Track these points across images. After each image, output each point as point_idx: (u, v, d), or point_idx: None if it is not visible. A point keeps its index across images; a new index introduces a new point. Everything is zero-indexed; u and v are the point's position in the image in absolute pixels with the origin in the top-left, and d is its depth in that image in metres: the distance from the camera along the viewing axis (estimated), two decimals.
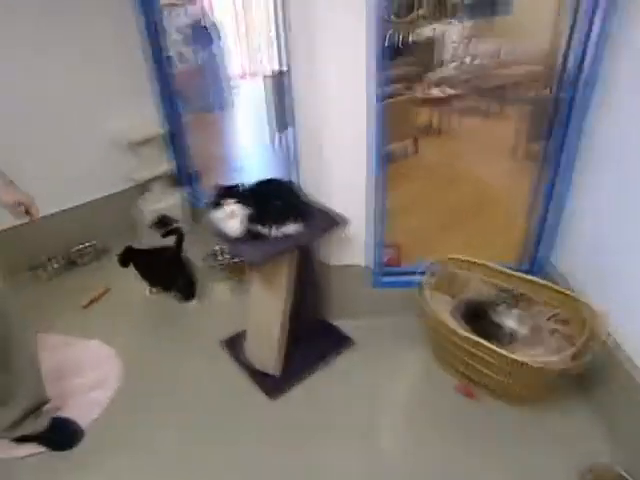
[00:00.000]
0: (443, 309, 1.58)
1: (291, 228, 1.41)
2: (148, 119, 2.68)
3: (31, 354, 1.40)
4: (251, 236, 1.41)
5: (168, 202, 2.71)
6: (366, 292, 1.85)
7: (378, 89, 1.44)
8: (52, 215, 2.48)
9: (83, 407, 1.62)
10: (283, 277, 1.50)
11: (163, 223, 2.71)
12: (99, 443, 1.50)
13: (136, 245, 2.17)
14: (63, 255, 2.52)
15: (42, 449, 1.46)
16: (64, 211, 2.53)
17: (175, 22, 4.84)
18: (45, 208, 2.50)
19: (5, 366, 1.30)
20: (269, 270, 1.50)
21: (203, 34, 4.98)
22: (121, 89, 2.56)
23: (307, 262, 1.61)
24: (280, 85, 3.01)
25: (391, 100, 3.00)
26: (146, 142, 2.59)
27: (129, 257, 2.12)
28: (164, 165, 2.72)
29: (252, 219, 1.39)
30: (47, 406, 1.48)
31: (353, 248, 1.75)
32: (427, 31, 4.30)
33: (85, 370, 1.79)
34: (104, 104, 2.52)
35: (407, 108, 3.68)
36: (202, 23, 5.04)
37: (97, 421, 1.58)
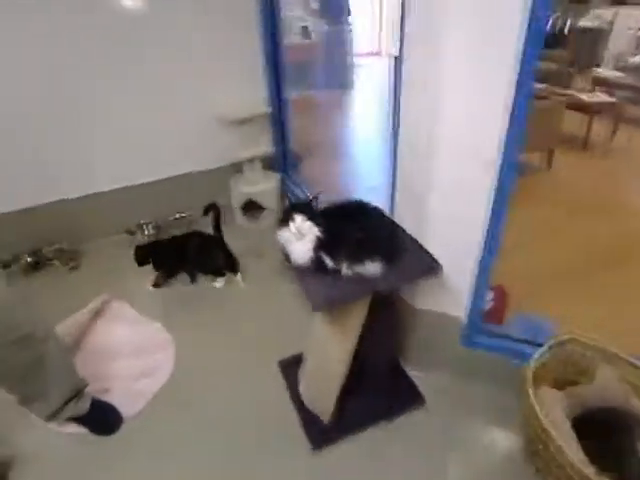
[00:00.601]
0: (552, 406, 1.19)
1: (369, 268, 1.13)
2: (254, 97, 2.55)
3: (60, 347, 1.37)
4: (318, 267, 1.16)
5: (261, 186, 2.58)
6: (454, 348, 1.51)
7: (525, 84, 1.05)
8: (151, 183, 2.52)
9: (129, 396, 1.58)
10: (354, 318, 1.24)
11: (252, 207, 2.62)
12: (134, 436, 1.45)
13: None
14: (157, 222, 2.55)
15: (84, 430, 1.46)
16: (162, 180, 2.56)
17: None
18: (147, 175, 2.64)
19: (39, 362, 1.27)
20: (338, 308, 1.25)
21: (335, 8, 4.73)
22: (230, 63, 2.45)
23: (386, 299, 1.33)
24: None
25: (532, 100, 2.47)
26: (248, 121, 2.47)
27: (147, 253, 2.06)
28: (263, 147, 2.59)
29: (323, 246, 1.15)
30: (88, 389, 1.46)
31: (445, 292, 1.41)
32: (607, 14, 3.45)
33: (141, 354, 1.76)
34: (211, 76, 2.44)
35: (548, 112, 3.05)
36: None
37: (139, 413, 1.53)
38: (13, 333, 1.16)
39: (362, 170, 3.39)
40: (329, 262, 1.15)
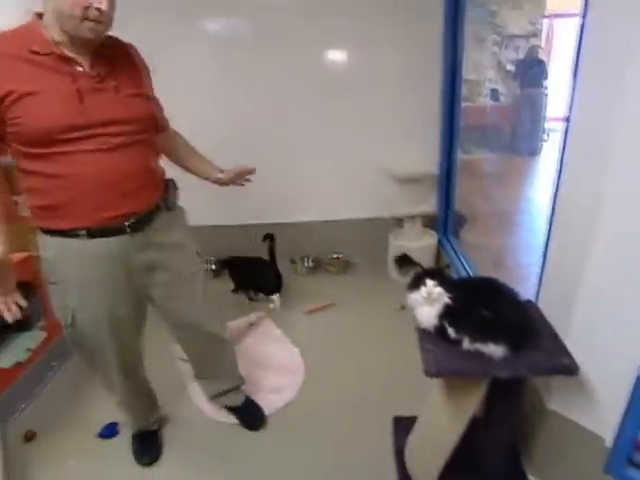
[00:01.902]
0: None
1: (492, 350, 1.11)
2: (425, 155, 2.68)
3: (233, 349, 1.69)
4: (440, 335, 1.19)
5: (419, 243, 2.66)
6: (593, 472, 1.30)
7: None
8: (317, 222, 2.85)
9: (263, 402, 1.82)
10: (469, 395, 1.21)
11: (406, 262, 2.70)
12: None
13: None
14: (315, 258, 2.87)
15: (236, 421, 1.74)
16: (328, 221, 2.86)
17: (503, 55, 4.66)
18: (313, 215, 2.99)
19: (219, 354, 1.61)
20: (456, 381, 1.24)
21: (532, 70, 4.60)
22: (407, 119, 2.63)
23: (510, 388, 1.25)
24: None
25: None
26: (416, 178, 2.60)
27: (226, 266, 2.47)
28: (427, 205, 2.68)
29: (449, 316, 1.17)
30: (243, 387, 1.75)
31: (587, 402, 1.24)
32: None
33: (278, 371, 2.00)
34: (387, 130, 2.67)
35: None
36: (536, 58, 4.66)
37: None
38: (211, 327, 1.51)
39: (526, 244, 3.15)
40: (452, 332, 1.16)
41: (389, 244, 2.74)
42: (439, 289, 1.19)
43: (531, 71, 4.61)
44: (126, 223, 1.17)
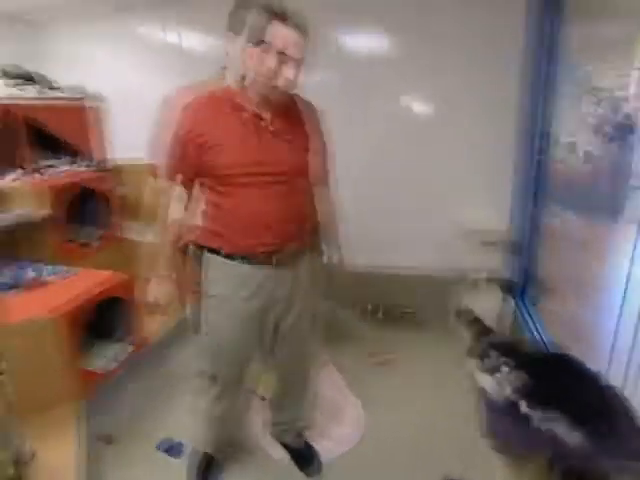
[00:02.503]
0: None
1: (564, 432, 1.05)
2: (504, 215, 2.63)
3: (311, 384, 1.74)
4: (508, 406, 1.15)
5: (490, 305, 2.57)
6: None
7: None
8: (391, 272, 2.88)
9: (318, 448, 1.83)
10: (535, 475, 1.15)
11: (469, 319, 2.61)
12: None
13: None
14: (388, 309, 2.87)
15: (291, 461, 1.76)
16: (400, 273, 2.88)
17: (598, 116, 4.46)
18: (386, 263, 2.98)
19: (302, 385, 1.68)
20: (521, 459, 1.18)
21: (632, 133, 4.34)
22: (488, 178, 2.64)
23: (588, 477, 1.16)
24: None
25: None
26: (493, 238, 2.56)
27: None
28: (504, 268, 2.60)
29: (520, 387, 1.14)
30: (306, 431, 1.79)
31: None
32: None
33: (336, 420, 2.00)
34: (466, 187, 2.67)
35: None
36: (634, 119, 4.39)
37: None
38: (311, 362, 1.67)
39: (614, 319, 2.88)
40: (523, 407, 1.12)
41: (461, 304, 2.67)
42: (506, 369, 1.17)
43: (629, 133, 4.35)
44: (273, 257, 1.34)
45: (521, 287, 2.67)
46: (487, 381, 1.20)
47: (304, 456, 1.75)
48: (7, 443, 0.96)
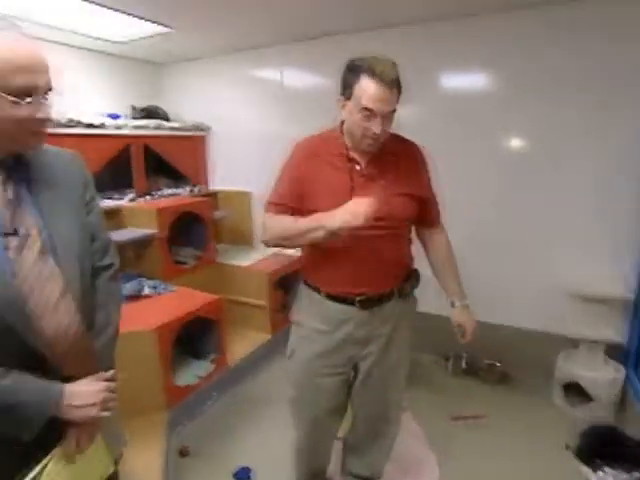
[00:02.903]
0: None
1: None
2: (616, 275, 2.35)
3: (390, 434, 1.63)
4: None
5: (596, 373, 2.27)
6: None
7: None
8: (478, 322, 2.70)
9: None
10: None
11: (576, 391, 2.33)
12: None
13: None
14: (470, 360, 2.70)
15: None
16: (490, 324, 2.68)
17: None
18: (475, 313, 2.80)
19: (382, 430, 1.60)
20: None
21: None
22: (596, 230, 2.40)
23: None
24: None
25: None
26: (601, 300, 2.29)
27: None
28: (612, 332, 2.31)
29: None
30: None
31: None
32: None
33: (409, 473, 1.89)
34: (571, 239, 2.44)
35: None
36: None
37: None
38: (396, 408, 1.60)
39: None
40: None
41: (557, 365, 2.42)
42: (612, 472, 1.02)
43: None
44: (357, 299, 1.33)
45: (635, 354, 2.35)
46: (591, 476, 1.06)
47: None
48: (117, 444, 1.07)
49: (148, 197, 3.00)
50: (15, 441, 0.83)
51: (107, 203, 2.70)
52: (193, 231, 2.97)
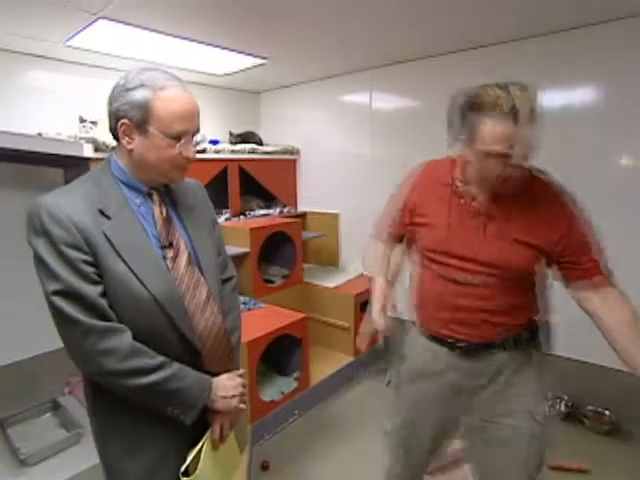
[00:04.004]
0: None
1: None
2: None
3: None
4: None
5: None
6: None
7: None
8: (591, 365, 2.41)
9: None
10: None
11: None
12: None
13: None
14: (573, 403, 2.42)
15: None
16: (603, 368, 2.38)
17: None
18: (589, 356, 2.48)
19: None
20: None
21: None
22: None
23: None
24: None
25: None
26: None
27: None
28: None
29: None
30: None
31: None
32: None
33: None
34: None
35: None
36: None
37: None
38: None
39: None
40: None
41: None
42: None
43: None
44: (457, 344, 1.22)
45: None
46: None
47: None
48: (243, 439, 1.19)
49: (242, 217, 3.19)
50: (179, 424, 0.95)
51: None
52: (282, 251, 3.08)
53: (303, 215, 3.55)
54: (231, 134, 3.47)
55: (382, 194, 3.55)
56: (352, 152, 3.33)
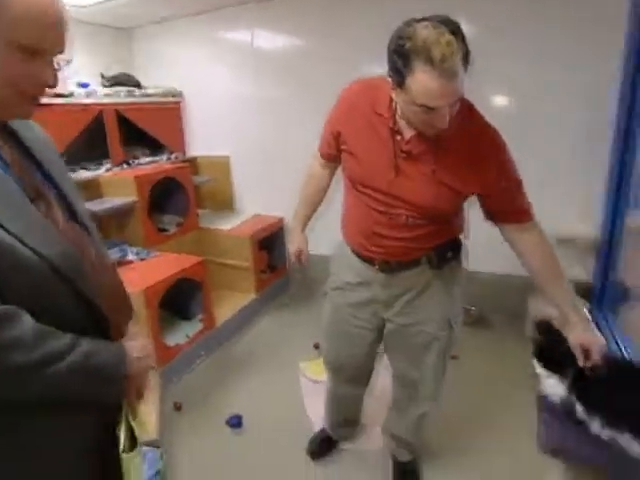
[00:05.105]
0: None
1: (628, 442, 0.99)
2: (584, 216, 2.45)
3: (434, 411, 1.60)
4: (565, 409, 1.10)
5: None
6: None
7: None
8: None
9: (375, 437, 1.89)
10: None
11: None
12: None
13: None
14: None
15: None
16: (469, 272, 2.77)
17: None
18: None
19: (408, 396, 1.57)
20: (580, 468, 1.13)
21: None
22: (565, 171, 2.47)
23: None
24: None
25: None
26: (570, 240, 2.39)
27: None
28: (579, 271, 2.43)
29: (579, 390, 1.09)
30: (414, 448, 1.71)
31: None
32: None
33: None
34: (539, 180, 2.47)
35: None
36: None
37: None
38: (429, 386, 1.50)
39: None
40: (580, 411, 1.08)
41: (529, 307, 2.55)
42: (546, 374, 1.13)
43: None
44: (375, 261, 1.30)
45: (599, 291, 2.48)
46: (546, 383, 1.16)
47: (399, 471, 1.70)
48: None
49: (126, 166, 3.00)
50: (102, 406, 0.84)
51: (84, 174, 2.70)
52: (174, 198, 2.99)
53: (193, 160, 3.43)
54: (103, 77, 3.15)
55: (271, 134, 3.56)
56: (238, 93, 3.25)
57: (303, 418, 2.01)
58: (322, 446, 1.83)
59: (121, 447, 0.86)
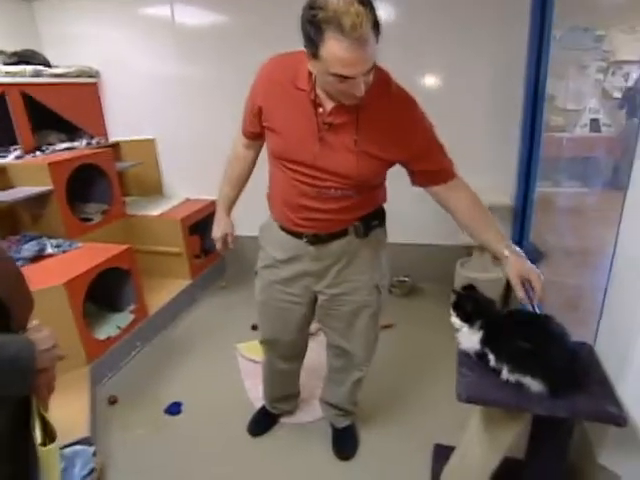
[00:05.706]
0: None
1: (530, 383, 1.10)
2: (502, 186, 2.63)
3: (364, 373, 1.64)
4: (480, 359, 1.20)
5: (486, 275, 2.59)
6: None
7: None
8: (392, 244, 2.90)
9: (310, 407, 1.93)
10: (506, 428, 1.20)
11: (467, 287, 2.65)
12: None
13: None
14: None
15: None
16: (397, 244, 2.88)
17: (609, 83, 4.34)
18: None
19: (347, 367, 1.63)
20: (495, 411, 1.24)
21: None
22: (482, 146, 2.63)
23: (555, 430, 1.21)
24: None
25: None
26: (489, 209, 2.55)
27: None
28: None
29: (491, 341, 1.18)
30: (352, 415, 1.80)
31: None
32: None
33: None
34: (459, 154, 2.63)
35: None
36: None
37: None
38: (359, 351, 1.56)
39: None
40: (492, 359, 1.17)
41: (456, 273, 2.71)
42: (459, 323, 1.22)
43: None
44: (303, 235, 1.33)
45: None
46: (462, 333, 1.25)
47: (340, 439, 1.76)
48: None
49: (39, 153, 2.77)
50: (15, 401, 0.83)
51: None
52: (97, 186, 2.82)
53: (116, 145, 3.24)
54: (3, 53, 2.86)
55: (198, 115, 3.41)
56: (161, 72, 3.08)
57: (243, 398, 2.02)
58: (263, 423, 1.86)
59: (38, 441, 0.83)
